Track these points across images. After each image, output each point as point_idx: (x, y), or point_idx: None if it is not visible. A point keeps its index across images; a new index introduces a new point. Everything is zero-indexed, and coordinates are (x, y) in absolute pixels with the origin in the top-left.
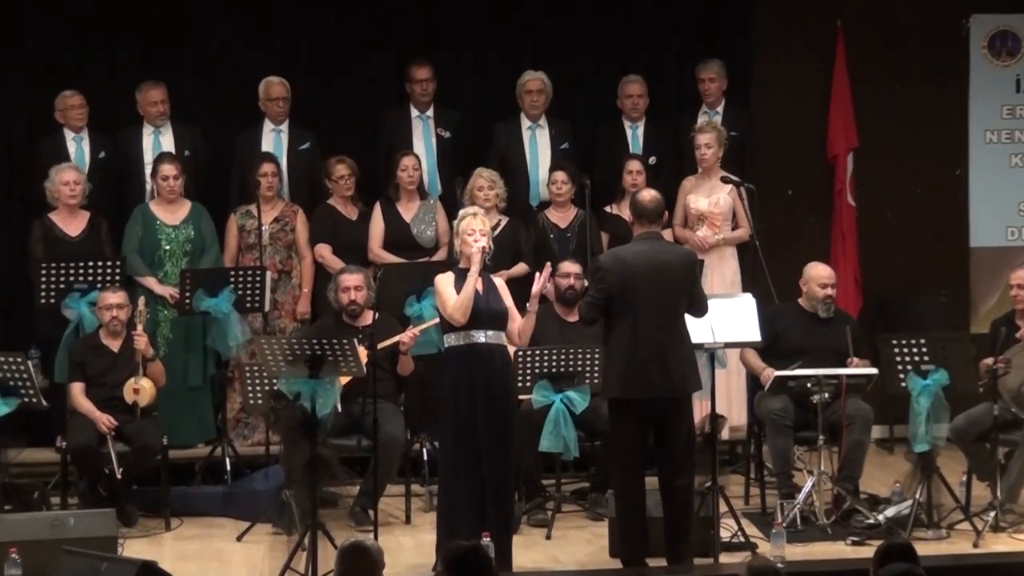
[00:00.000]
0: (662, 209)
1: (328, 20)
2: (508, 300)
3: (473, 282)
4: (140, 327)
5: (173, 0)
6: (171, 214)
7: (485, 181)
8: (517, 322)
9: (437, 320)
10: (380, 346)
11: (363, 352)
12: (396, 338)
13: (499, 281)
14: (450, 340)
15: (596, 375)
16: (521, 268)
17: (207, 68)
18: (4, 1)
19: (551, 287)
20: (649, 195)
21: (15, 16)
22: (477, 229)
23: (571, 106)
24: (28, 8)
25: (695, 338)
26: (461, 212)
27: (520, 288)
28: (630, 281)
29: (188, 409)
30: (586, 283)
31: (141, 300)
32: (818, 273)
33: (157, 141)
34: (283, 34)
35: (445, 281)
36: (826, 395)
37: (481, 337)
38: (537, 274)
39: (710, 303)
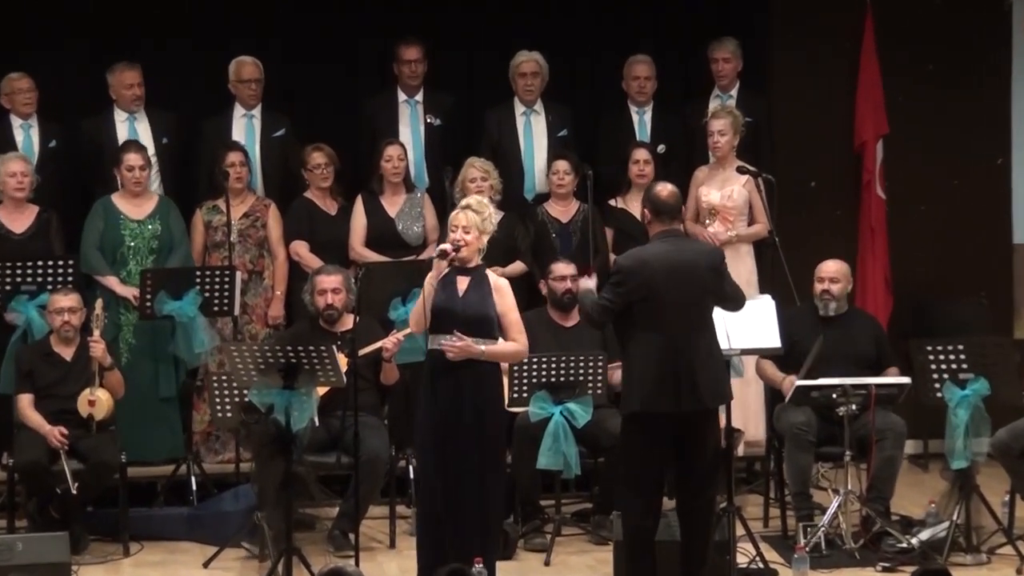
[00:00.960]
0: (681, 203)
1: None
2: (503, 304)
3: (427, 289)
4: (97, 332)
5: None
6: (136, 208)
7: (478, 172)
8: (514, 332)
9: None
10: (361, 353)
11: (343, 360)
12: (378, 344)
13: (501, 282)
14: (431, 342)
15: (599, 384)
16: (517, 267)
17: (176, 48)
18: None
19: (545, 290)
20: (666, 189)
21: None
22: (460, 226)
23: (570, 90)
24: None
25: None
26: (461, 203)
27: (514, 289)
28: (653, 285)
29: (157, 422)
30: (584, 284)
31: (99, 302)
32: (819, 268)
33: (132, 128)
34: (257, 9)
35: (426, 283)
36: (853, 407)
37: (453, 338)
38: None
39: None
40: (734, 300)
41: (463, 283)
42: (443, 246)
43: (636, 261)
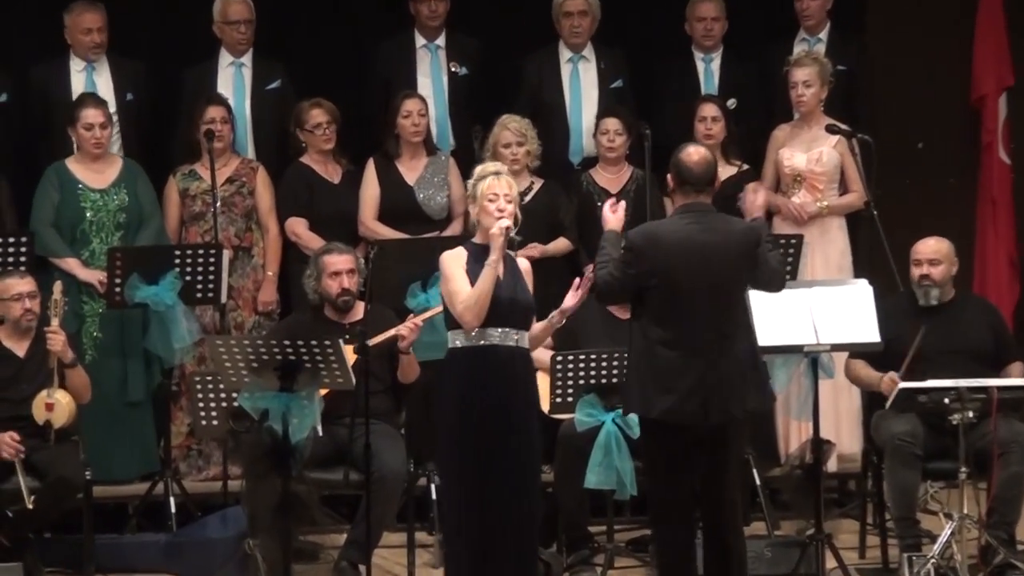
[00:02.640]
0: (714, 173)
1: None
2: (531, 290)
3: (492, 274)
4: (56, 321)
5: None
6: (97, 175)
7: (512, 133)
8: (531, 324)
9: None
10: (372, 343)
11: (350, 355)
12: (392, 332)
13: (523, 263)
14: (455, 339)
15: None
16: (561, 244)
17: None
18: None
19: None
20: (698, 153)
21: None
22: (502, 195)
23: (625, 32)
24: None
25: (790, 337)
26: (479, 169)
27: (557, 272)
28: (667, 269)
29: (125, 432)
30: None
31: (57, 286)
32: (915, 248)
33: (90, 80)
34: None
35: (454, 262)
36: (970, 413)
37: (497, 337)
38: (577, 281)
39: (811, 292)
40: (771, 280)
41: (500, 267)
42: (505, 222)
43: (647, 238)
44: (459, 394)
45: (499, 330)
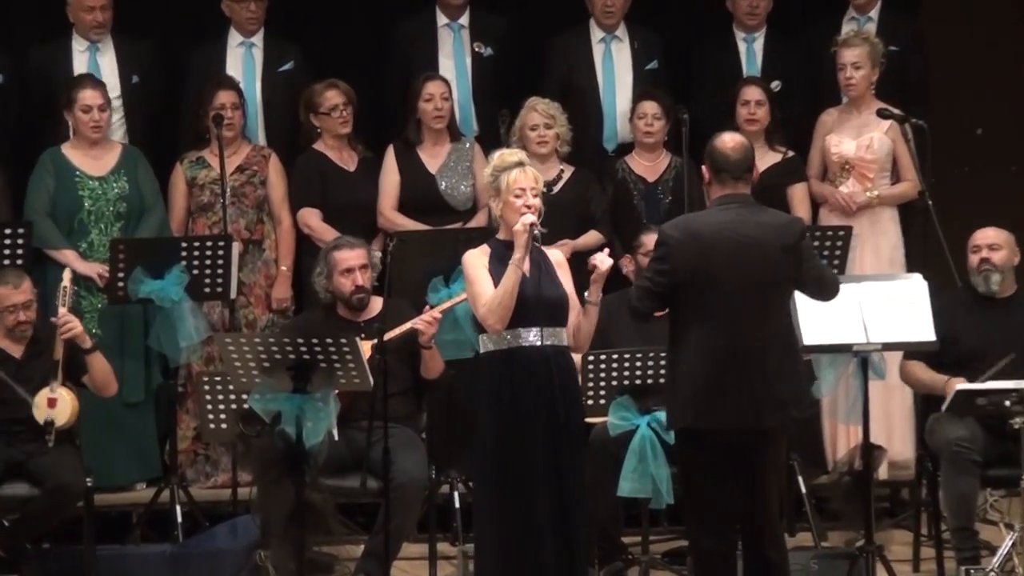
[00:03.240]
0: (751, 160)
1: None
2: (568, 283)
3: (516, 275)
4: (64, 309)
5: None
6: (95, 161)
7: (541, 116)
8: (575, 315)
9: (465, 296)
10: (388, 336)
11: (366, 347)
12: (408, 325)
13: (556, 255)
14: (486, 343)
15: None
16: (592, 237)
17: None
18: None
19: (631, 267)
20: (733, 140)
21: None
22: (528, 188)
23: (660, 10)
24: None
25: (839, 336)
26: (497, 158)
27: (587, 268)
28: (705, 265)
29: (123, 436)
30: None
31: (67, 274)
32: (974, 236)
33: (94, 61)
34: None
35: (476, 262)
36: None
37: (531, 337)
38: (598, 255)
39: (860, 288)
40: (821, 284)
41: (526, 263)
42: (530, 217)
43: (684, 232)
44: (493, 400)
45: (532, 330)
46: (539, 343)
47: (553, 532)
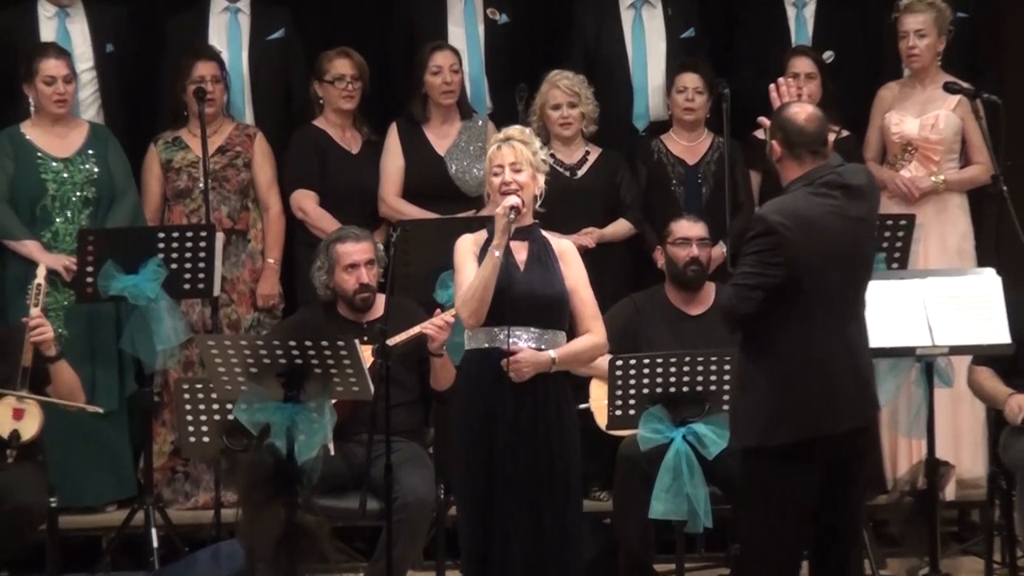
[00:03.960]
0: (827, 131)
1: None
2: (576, 278)
3: (493, 264)
4: (36, 311)
5: None
6: (59, 141)
7: (564, 94)
8: (589, 316)
9: None
10: (393, 342)
11: (368, 354)
12: (415, 330)
13: (563, 244)
14: (468, 340)
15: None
16: (621, 227)
17: None
18: None
19: (663, 261)
20: (805, 110)
21: None
22: (507, 165)
23: None
24: None
25: (900, 338)
26: (492, 139)
27: (615, 261)
28: (822, 256)
29: (92, 451)
30: (718, 250)
31: (41, 269)
32: None
33: (63, 28)
34: None
35: (465, 249)
36: None
37: (513, 339)
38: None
39: (925, 284)
40: None
41: (520, 251)
42: (512, 199)
43: (795, 219)
44: (466, 409)
45: (519, 331)
46: (523, 345)
47: (531, 561)
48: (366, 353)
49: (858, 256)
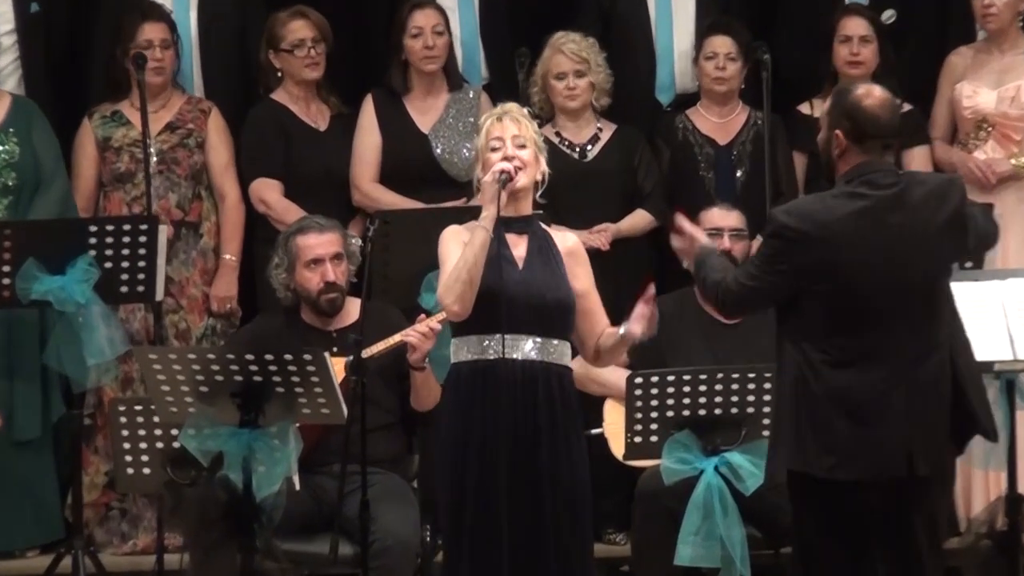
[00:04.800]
0: (900, 120)
1: None
2: (584, 278)
3: (481, 240)
4: None
5: None
6: None
7: (570, 60)
8: (593, 324)
9: None
10: (369, 352)
11: (340, 366)
12: (396, 338)
13: (568, 240)
14: (457, 350)
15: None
16: (641, 220)
17: None
18: None
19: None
20: (878, 94)
21: None
22: (508, 138)
23: None
24: None
25: (976, 351)
26: (487, 113)
27: (633, 258)
28: (844, 263)
29: (11, 485)
30: (756, 245)
31: None
32: None
33: None
34: None
35: (451, 238)
36: None
37: (509, 349)
38: (648, 292)
39: (1004, 287)
40: (984, 244)
41: (518, 246)
42: (502, 165)
43: (809, 221)
44: (452, 432)
45: (519, 340)
46: (519, 357)
47: None
48: (337, 367)
49: (906, 266)
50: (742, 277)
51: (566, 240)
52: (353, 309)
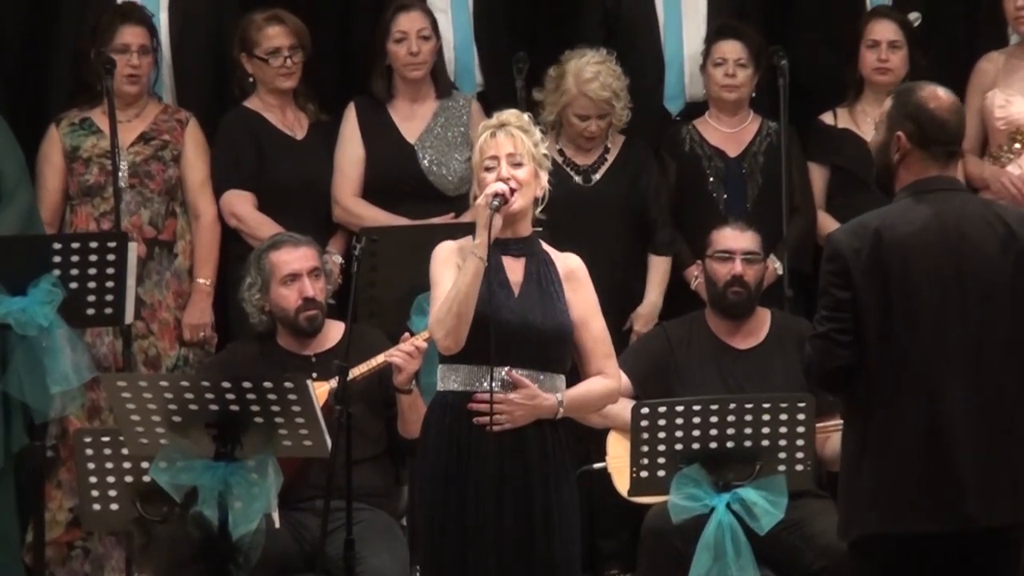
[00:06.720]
0: (964, 125)
1: None
2: (586, 304)
3: (475, 269)
4: None
5: None
6: None
7: (595, 103)
8: (601, 353)
9: None
10: (354, 375)
11: (322, 393)
12: (380, 359)
13: (571, 263)
14: (443, 378)
15: (799, 456)
16: (658, 271)
17: None
18: None
19: (701, 280)
20: (947, 98)
21: None
22: (503, 156)
23: None
24: None
25: None
26: (483, 125)
27: (643, 279)
28: (912, 293)
29: None
30: (772, 268)
31: None
32: None
33: None
34: None
35: (443, 258)
36: None
37: (498, 384)
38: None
39: None
40: None
41: (515, 270)
42: (496, 186)
43: (865, 239)
44: (432, 466)
45: (502, 371)
46: (509, 394)
47: None
48: (320, 392)
49: (978, 296)
50: (817, 325)
51: (568, 262)
52: (332, 332)
